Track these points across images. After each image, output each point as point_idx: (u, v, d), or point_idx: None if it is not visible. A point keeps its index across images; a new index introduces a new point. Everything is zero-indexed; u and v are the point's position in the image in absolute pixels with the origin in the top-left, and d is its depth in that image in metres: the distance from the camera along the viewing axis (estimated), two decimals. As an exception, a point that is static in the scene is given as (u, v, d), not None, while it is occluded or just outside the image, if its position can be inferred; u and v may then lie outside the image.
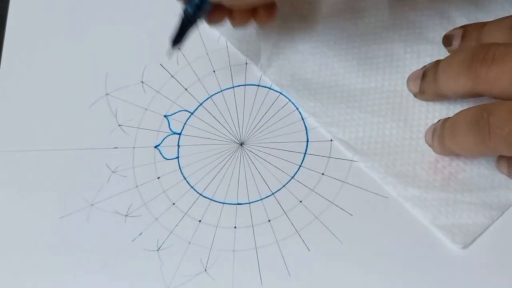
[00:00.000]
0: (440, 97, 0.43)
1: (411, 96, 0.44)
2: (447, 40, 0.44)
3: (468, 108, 0.39)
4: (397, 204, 0.41)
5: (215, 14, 0.43)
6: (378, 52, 0.46)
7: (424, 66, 0.43)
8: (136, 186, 0.45)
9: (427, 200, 0.40)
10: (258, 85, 0.47)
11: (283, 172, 0.44)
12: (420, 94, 0.43)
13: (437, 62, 0.42)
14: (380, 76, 0.45)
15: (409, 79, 0.44)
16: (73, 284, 0.42)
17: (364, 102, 0.44)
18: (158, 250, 0.42)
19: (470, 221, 0.39)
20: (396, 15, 0.46)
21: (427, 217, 0.40)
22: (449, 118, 0.40)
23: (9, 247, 0.44)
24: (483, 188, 0.40)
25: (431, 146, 0.42)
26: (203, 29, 0.50)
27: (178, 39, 0.44)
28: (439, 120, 0.41)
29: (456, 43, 0.43)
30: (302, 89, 0.46)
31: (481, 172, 0.41)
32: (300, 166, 0.44)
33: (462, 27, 0.43)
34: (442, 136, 0.40)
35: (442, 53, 0.44)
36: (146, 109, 0.48)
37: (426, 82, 0.42)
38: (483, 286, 0.38)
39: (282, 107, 0.46)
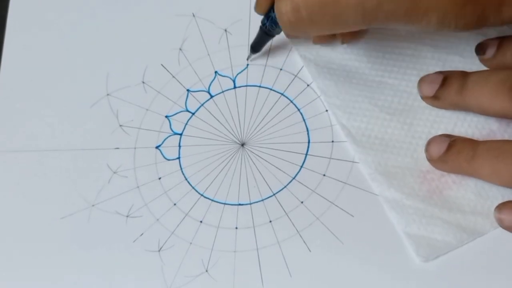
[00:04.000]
0: (459, 108, 0.42)
1: (424, 102, 0.43)
2: (481, 49, 0.43)
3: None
4: (398, 205, 0.41)
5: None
6: (406, 50, 0.45)
7: (441, 72, 0.43)
8: (137, 187, 0.45)
9: (405, 206, 0.40)
10: (260, 86, 0.47)
11: (284, 173, 0.44)
12: (434, 99, 0.43)
13: (464, 74, 0.41)
14: (400, 75, 0.45)
15: (423, 82, 0.43)
16: (74, 285, 0.42)
17: (377, 96, 0.44)
18: (159, 251, 0.42)
19: (440, 237, 0.39)
20: None
21: (400, 223, 0.40)
22: (476, 140, 0.40)
23: (10, 248, 0.44)
24: (463, 211, 0.40)
25: (433, 158, 0.41)
26: (204, 29, 0.50)
27: (256, 47, 0.47)
28: (449, 135, 0.41)
29: (490, 52, 0.42)
30: (322, 66, 0.46)
31: (466, 195, 0.40)
32: (302, 167, 0.44)
33: (498, 38, 0.42)
34: (471, 156, 0.39)
35: (467, 67, 0.43)
36: (147, 110, 0.48)
37: (448, 90, 0.42)
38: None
39: (284, 108, 0.46)
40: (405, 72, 0.45)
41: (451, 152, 0.40)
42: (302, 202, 0.42)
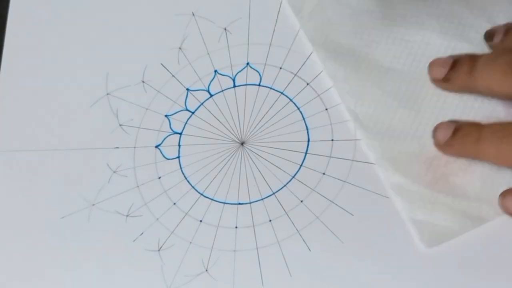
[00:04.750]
0: (468, 90, 0.42)
1: (432, 89, 0.44)
2: (489, 35, 0.43)
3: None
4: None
5: None
6: (415, 36, 0.45)
7: (452, 56, 0.43)
8: (137, 186, 0.45)
9: (410, 192, 0.41)
10: (259, 85, 0.47)
11: (284, 171, 0.44)
12: (444, 81, 0.43)
13: (474, 56, 0.42)
14: (409, 61, 0.45)
15: (433, 64, 0.43)
16: (74, 284, 0.42)
17: (385, 81, 0.44)
18: (159, 250, 0.42)
19: (444, 224, 0.39)
20: (445, 6, 0.46)
21: (405, 208, 0.40)
22: (482, 123, 0.40)
23: (10, 248, 0.44)
24: (468, 197, 0.40)
25: (440, 142, 0.41)
26: (203, 28, 0.50)
27: None
28: (455, 121, 0.41)
29: (498, 38, 0.43)
30: (331, 50, 0.46)
31: (472, 181, 0.40)
32: (301, 165, 0.44)
33: (506, 24, 0.43)
34: (476, 138, 0.40)
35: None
36: (147, 109, 0.48)
37: (457, 73, 0.42)
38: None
39: (283, 107, 0.46)
40: (414, 59, 0.45)
41: (457, 136, 0.41)
42: (301, 201, 0.42)
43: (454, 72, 0.42)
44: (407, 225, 0.40)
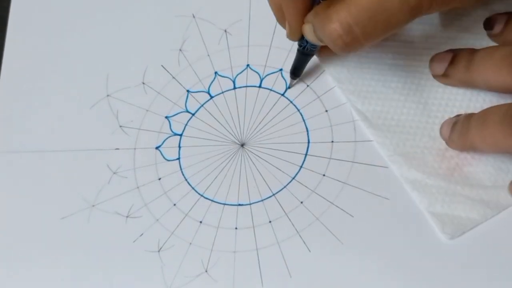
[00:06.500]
0: (467, 85, 0.43)
1: (437, 81, 0.44)
2: (488, 23, 0.43)
3: (500, 104, 0.39)
4: (397, 205, 0.41)
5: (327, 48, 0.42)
6: (414, 31, 0.46)
7: (451, 50, 0.43)
8: (137, 187, 0.45)
9: (427, 186, 0.41)
10: (260, 87, 0.47)
11: (284, 173, 0.44)
12: (444, 77, 0.43)
13: (472, 51, 0.42)
14: (411, 55, 0.45)
15: (433, 60, 0.44)
16: (73, 285, 0.42)
17: (389, 78, 0.45)
18: (159, 251, 0.42)
19: (464, 214, 0.40)
20: None
21: (423, 202, 0.41)
22: (473, 113, 0.40)
23: (10, 248, 0.44)
24: (484, 186, 0.40)
25: (445, 139, 0.41)
26: (204, 30, 0.50)
27: (297, 72, 0.46)
28: (459, 115, 0.42)
29: (498, 28, 0.43)
30: (332, 52, 0.46)
31: (487, 169, 0.41)
32: (301, 167, 0.44)
33: (507, 13, 0.43)
34: (466, 129, 0.40)
35: (477, 44, 0.44)
36: (147, 110, 0.48)
37: (456, 68, 0.43)
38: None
39: (284, 109, 0.46)
40: (416, 52, 0.45)
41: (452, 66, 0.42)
42: (301, 202, 0.42)
43: (453, 68, 0.43)
44: (407, 225, 0.40)
